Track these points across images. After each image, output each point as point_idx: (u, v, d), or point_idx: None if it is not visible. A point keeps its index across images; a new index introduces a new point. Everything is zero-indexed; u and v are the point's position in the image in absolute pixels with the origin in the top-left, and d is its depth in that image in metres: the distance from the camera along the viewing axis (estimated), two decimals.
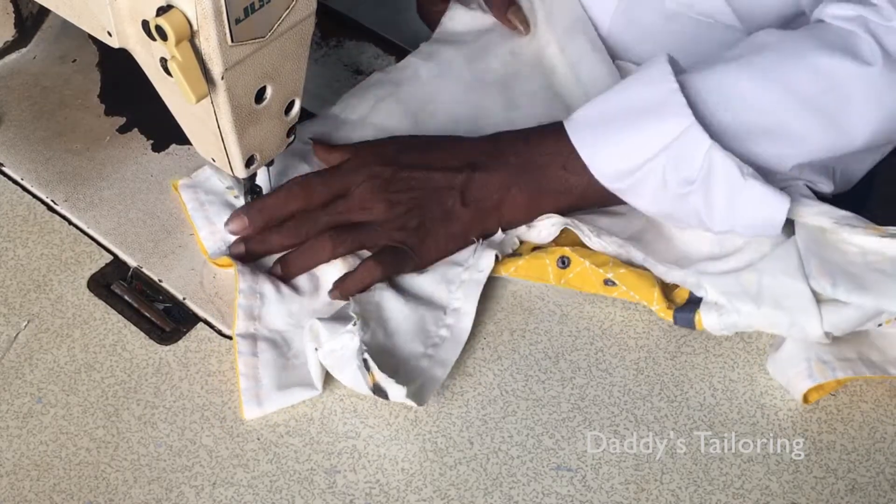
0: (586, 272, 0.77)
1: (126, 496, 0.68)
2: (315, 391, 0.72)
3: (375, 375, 0.69)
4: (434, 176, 0.79)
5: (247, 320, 0.75)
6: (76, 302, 0.78)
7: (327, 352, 0.71)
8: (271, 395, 0.72)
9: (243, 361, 0.73)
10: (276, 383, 0.72)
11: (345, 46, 1.00)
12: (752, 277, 0.74)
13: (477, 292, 0.77)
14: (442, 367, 0.73)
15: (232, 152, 0.73)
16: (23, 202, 0.84)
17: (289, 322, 0.76)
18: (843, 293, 0.71)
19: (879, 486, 0.69)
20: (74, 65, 0.95)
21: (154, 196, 0.85)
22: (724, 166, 0.72)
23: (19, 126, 0.90)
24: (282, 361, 0.74)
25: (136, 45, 0.69)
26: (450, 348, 0.74)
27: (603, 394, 0.74)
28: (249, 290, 0.76)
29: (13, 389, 0.73)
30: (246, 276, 0.76)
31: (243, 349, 0.74)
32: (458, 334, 0.75)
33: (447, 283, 0.77)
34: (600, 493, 0.69)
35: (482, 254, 0.78)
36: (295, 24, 0.69)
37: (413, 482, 0.69)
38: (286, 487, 0.69)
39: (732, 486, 0.69)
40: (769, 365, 0.75)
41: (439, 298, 0.77)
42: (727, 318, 0.74)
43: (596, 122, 0.78)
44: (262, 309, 0.76)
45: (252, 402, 0.72)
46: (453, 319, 0.76)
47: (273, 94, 0.72)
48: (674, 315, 0.75)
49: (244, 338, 0.74)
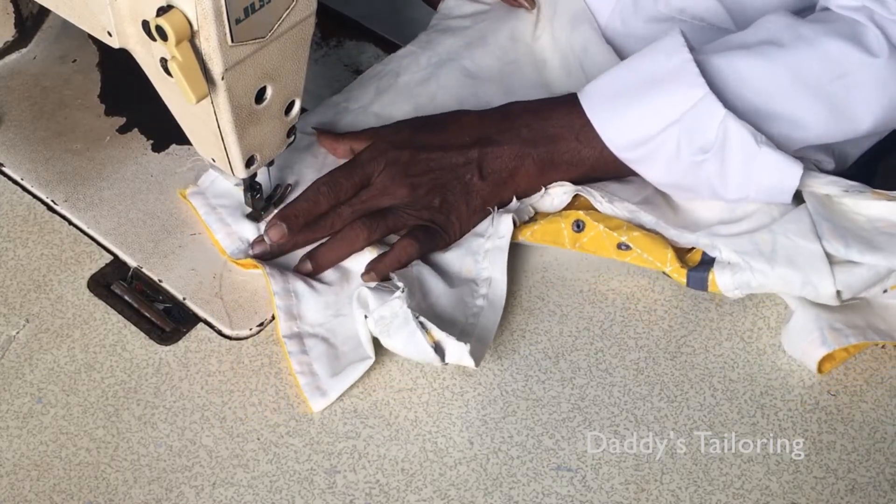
0: (600, 236, 0.78)
1: (126, 496, 0.68)
2: (369, 359, 0.73)
3: (434, 334, 0.70)
4: (450, 154, 0.81)
5: (288, 321, 0.75)
6: (76, 302, 0.78)
7: (377, 318, 0.72)
8: (331, 383, 0.73)
9: (296, 360, 0.74)
10: (331, 372, 0.73)
11: (345, 46, 1.00)
12: (767, 237, 0.75)
13: (503, 258, 0.78)
14: (486, 331, 0.75)
15: (232, 152, 0.73)
16: (23, 202, 0.84)
17: (328, 314, 0.76)
18: (857, 254, 0.73)
19: (879, 486, 0.69)
20: (74, 65, 0.95)
21: (154, 196, 0.85)
22: (740, 134, 0.74)
23: (19, 126, 0.90)
24: (332, 352, 0.74)
25: (136, 45, 0.69)
26: (489, 315, 0.76)
27: (603, 394, 0.74)
28: (283, 291, 0.76)
29: (13, 389, 0.73)
30: (276, 277, 0.77)
31: (293, 349, 0.74)
32: (494, 301, 0.77)
33: (473, 255, 0.79)
34: (600, 494, 0.69)
35: (500, 220, 0.79)
36: (295, 25, 0.69)
37: (413, 482, 0.69)
38: (286, 487, 0.69)
39: (732, 486, 0.69)
40: (783, 339, 0.76)
41: (468, 271, 0.78)
42: (741, 276, 0.75)
43: (609, 93, 0.79)
44: (301, 307, 0.76)
45: (315, 394, 0.72)
46: (486, 289, 0.77)
47: (273, 95, 0.72)
48: (687, 275, 0.76)
49: (290, 338, 0.75)
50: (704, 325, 0.78)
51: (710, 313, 0.78)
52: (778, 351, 0.76)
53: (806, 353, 0.74)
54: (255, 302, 0.78)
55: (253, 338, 0.76)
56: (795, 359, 0.75)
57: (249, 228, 0.81)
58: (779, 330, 0.77)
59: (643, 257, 0.77)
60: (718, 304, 0.79)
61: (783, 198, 0.75)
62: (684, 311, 0.78)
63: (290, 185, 0.83)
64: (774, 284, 0.75)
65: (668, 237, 0.79)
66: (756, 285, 0.75)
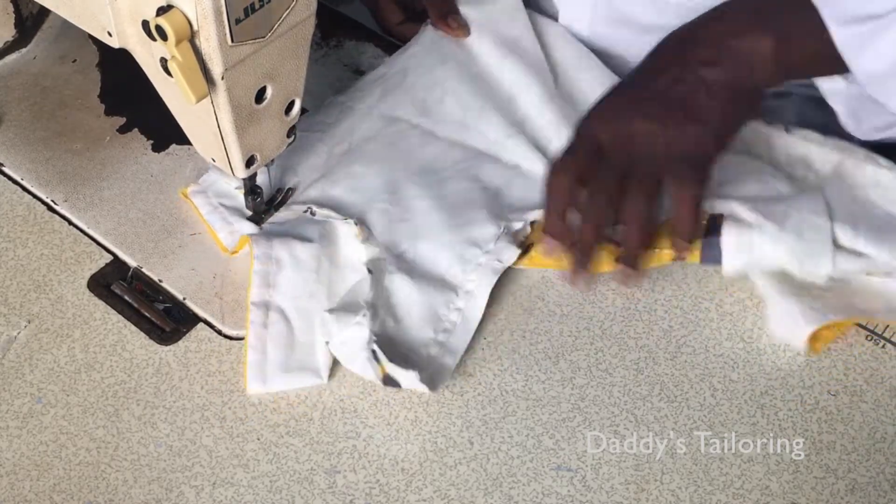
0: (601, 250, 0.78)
1: (126, 496, 0.68)
2: (320, 380, 0.73)
3: (385, 367, 0.70)
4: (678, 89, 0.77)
5: (262, 287, 0.75)
6: (76, 302, 0.78)
7: (338, 344, 0.72)
8: (276, 375, 0.72)
9: (254, 332, 0.73)
10: (281, 362, 0.73)
11: (345, 46, 1.00)
12: (780, 207, 0.77)
13: (492, 280, 0.77)
14: (452, 355, 0.74)
15: (232, 152, 0.73)
16: (23, 202, 0.84)
17: (305, 290, 0.76)
18: (863, 243, 0.75)
19: (879, 486, 0.69)
20: (74, 65, 0.95)
21: (154, 196, 0.85)
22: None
23: (19, 126, 0.90)
24: (290, 339, 0.74)
25: (136, 45, 0.69)
26: (460, 335, 0.75)
27: (603, 394, 0.74)
28: (265, 256, 0.76)
29: (13, 389, 0.73)
30: (260, 242, 0.77)
31: (255, 318, 0.74)
32: (469, 319, 0.76)
33: (463, 264, 0.78)
34: (600, 494, 0.69)
35: (505, 246, 0.78)
36: (295, 25, 0.69)
37: (413, 482, 0.69)
38: (286, 487, 0.69)
39: (732, 486, 0.69)
40: (770, 324, 0.77)
41: (452, 277, 0.77)
42: (748, 237, 0.76)
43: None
44: (279, 275, 0.76)
45: (257, 377, 0.72)
46: (464, 303, 0.76)
47: (273, 95, 0.72)
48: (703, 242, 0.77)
49: (258, 307, 0.74)
50: (704, 325, 0.78)
51: (710, 313, 0.78)
52: (778, 351, 0.76)
53: (793, 333, 0.75)
54: None
55: None
56: (786, 345, 0.76)
57: (251, 228, 0.81)
58: None
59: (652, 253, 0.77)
60: (718, 304, 0.79)
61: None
62: (684, 311, 0.78)
63: (291, 189, 0.83)
64: (777, 252, 0.75)
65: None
66: (760, 246, 0.75)
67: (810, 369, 0.75)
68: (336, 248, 0.79)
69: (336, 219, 0.80)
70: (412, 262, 0.78)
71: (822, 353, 0.76)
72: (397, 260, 0.77)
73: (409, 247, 0.79)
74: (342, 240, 0.79)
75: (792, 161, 0.85)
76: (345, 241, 0.79)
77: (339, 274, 0.78)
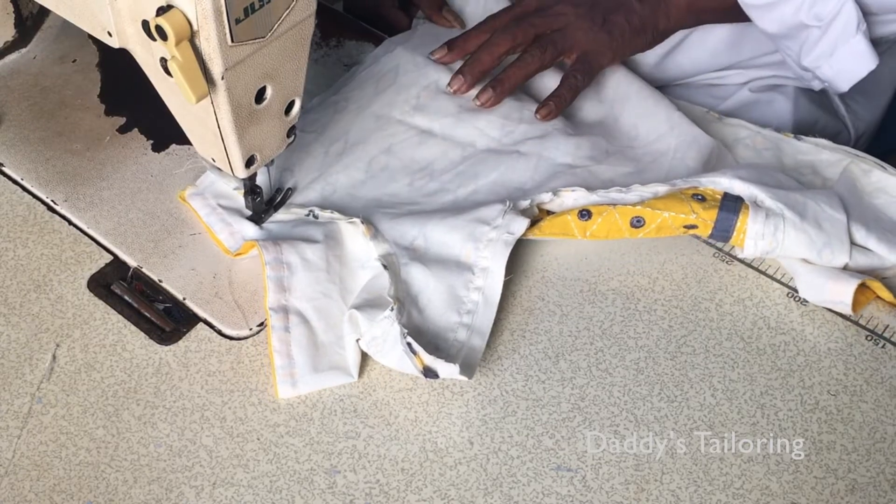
0: (611, 216, 0.79)
1: (126, 496, 0.68)
2: (351, 378, 0.73)
3: (423, 358, 0.70)
4: (608, 3, 0.92)
5: (277, 292, 0.75)
6: (76, 302, 0.78)
7: (369, 340, 0.72)
8: (305, 377, 0.73)
9: (277, 337, 0.74)
10: (309, 364, 0.73)
11: (345, 46, 1.00)
12: (799, 197, 0.79)
13: (505, 253, 0.77)
14: (480, 336, 0.74)
15: (232, 152, 0.73)
16: (23, 202, 0.84)
17: (318, 290, 0.76)
18: (874, 242, 0.78)
19: (879, 486, 0.69)
20: (74, 65, 0.95)
21: (154, 196, 0.85)
22: (848, 16, 0.83)
23: (19, 126, 0.90)
24: (312, 339, 0.74)
25: (136, 45, 0.69)
26: (484, 314, 0.75)
27: (603, 394, 0.74)
28: (275, 261, 0.76)
29: (13, 389, 0.73)
30: (269, 248, 0.77)
31: (276, 323, 0.74)
32: (489, 297, 0.76)
33: (474, 241, 0.78)
34: (600, 494, 0.69)
35: (513, 218, 0.79)
36: (295, 25, 0.69)
37: (413, 482, 0.69)
38: (286, 487, 0.69)
39: (732, 486, 0.69)
40: (805, 293, 0.78)
41: (466, 257, 0.77)
42: (773, 222, 0.77)
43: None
44: (292, 279, 0.76)
45: (287, 381, 0.72)
46: (482, 280, 0.77)
47: (273, 94, 0.72)
48: (717, 215, 0.78)
49: (276, 311, 0.75)
50: (704, 325, 0.78)
51: (710, 313, 0.78)
52: (778, 350, 0.76)
53: (833, 291, 0.77)
54: (255, 302, 0.78)
55: (253, 338, 0.76)
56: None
57: (251, 228, 0.81)
58: (779, 330, 0.77)
59: (661, 220, 0.78)
60: (718, 304, 0.79)
61: (844, 85, 0.86)
62: (684, 311, 0.78)
63: (290, 189, 0.83)
64: (799, 240, 0.77)
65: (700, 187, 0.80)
66: (782, 231, 0.77)
67: (810, 369, 0.75)
68: (342, 247, 0.79)
69: (341, 219, 0.80)
70: (424, 250, 0.78)
71: (822, 353, 0.76)
72: (408, 251, 0.78)
73: (419, 233, 0.79)
74: (348, 239, 0.79)
75: (800, 165, 0.87)
76: (351, 240, 0.79)
77: (349, 272, 0.78)
